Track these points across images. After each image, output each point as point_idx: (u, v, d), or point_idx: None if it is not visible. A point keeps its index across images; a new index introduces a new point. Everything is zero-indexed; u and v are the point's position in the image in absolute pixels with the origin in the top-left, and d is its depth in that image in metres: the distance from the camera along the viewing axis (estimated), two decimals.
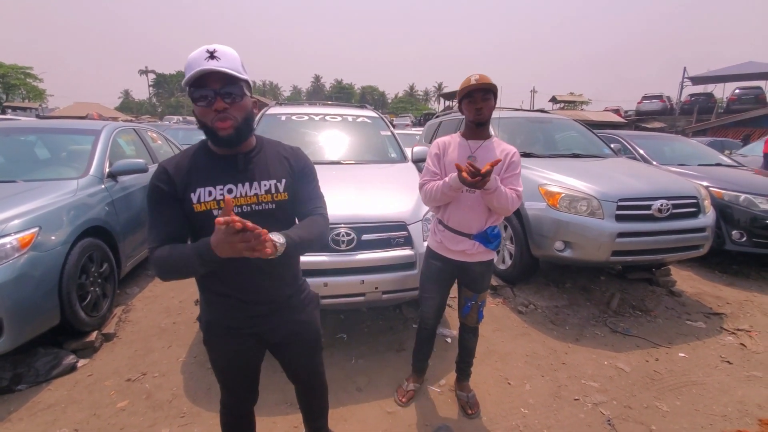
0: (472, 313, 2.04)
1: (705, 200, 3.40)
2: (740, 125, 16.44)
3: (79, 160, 3.23)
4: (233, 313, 1.25)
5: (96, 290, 2.79)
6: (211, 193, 1.13)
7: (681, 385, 2.42)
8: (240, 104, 1.11)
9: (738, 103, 19.66)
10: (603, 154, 4.36)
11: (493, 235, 1.89)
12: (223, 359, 1.33)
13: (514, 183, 1.87)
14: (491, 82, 1.78)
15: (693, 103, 21.88)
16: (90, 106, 25.90)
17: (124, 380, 2.35)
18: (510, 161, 1.87)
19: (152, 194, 1.15)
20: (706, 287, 3.92)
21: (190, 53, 1.09)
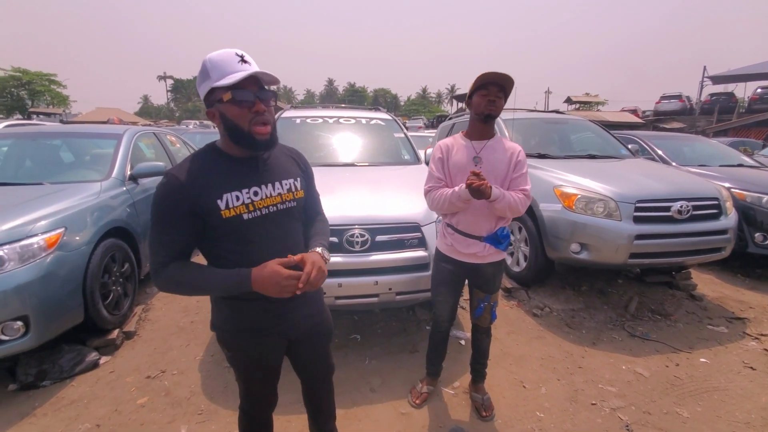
0: (485, 314, 2.02)
1: (727, 202, 3.32)
2: (763, 125, 15.94)
3: (101, 163, 3.33)
4: (261, 316, 1.24)
5: (118, 289, 2.87)
6: (239, 198, 1.12)
7: (702, 391, 2.36)
8: (271, 110, 1.13)
9: (760, 102, 19.03)
10: (620, 155, 4.29)
11: (503, 236, 1.87)
12: (250, 364, 1.31)
13: (521, 183, 1.85)
14: (510, 77, 1.76)
15: (713, 103, 21.30)
16: (111, 111, 26.66)
17: (144, 377, 2.41)
18: (516, 161, 1.85)
19: (162, 206, 1.08)
20: (728, 291, 3.81)
21: (210, 54, 1.07)
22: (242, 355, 1.29)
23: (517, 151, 1.88)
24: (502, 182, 1.85)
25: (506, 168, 1.84)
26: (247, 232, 1.14)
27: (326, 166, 3.28)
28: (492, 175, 1.81)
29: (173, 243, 1.10)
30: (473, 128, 1.91)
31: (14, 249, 2.08)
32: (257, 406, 1.43)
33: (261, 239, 1.17)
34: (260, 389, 1.39)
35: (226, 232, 1.13)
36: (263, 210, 1.16)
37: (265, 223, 1.17)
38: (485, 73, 1.77)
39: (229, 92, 1.04)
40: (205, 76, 1.07)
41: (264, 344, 1.28)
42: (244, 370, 1.34)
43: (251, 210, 1.13)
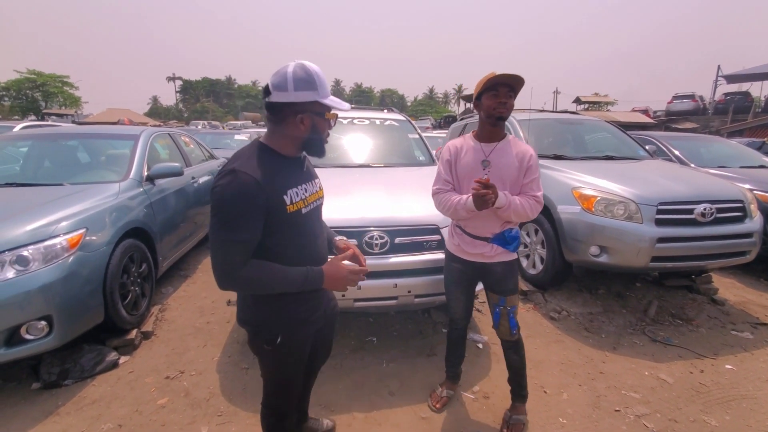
0: (503, 320, 1.93)
1: (752, 204, 3.24)
2: None
3: (119, 164, 3.35)
4: (306, 307, 1.31)
5: (136, 289, 2.88)
6: (298, 194, 1.22)
7: (729, 398, 2.30)
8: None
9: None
10: (638, 156, 4.22)
11: (511, 237, 1.84)
12: (298, 356, 1.36)
13: (533, 188, 1.80)
14: (520, 77, 1.70)
15: (728, 103, 20.89)
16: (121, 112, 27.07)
17: (163, 378, 2.42)
18: (527, 166, 1.79)
19: (239, 204, 1.08)
20: (751, 296, 3.72)
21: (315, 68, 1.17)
22: (285, 348, 1.30)
23: (528, 155, 1.81)
24: (512, 186, 1.81)
25: (516, 172, 1.79)
26: (304, 225, 1.25)
27: (341, 167, 3.28)
28: (500, 180, 1.77)
29: (250, 241, 1.13)
30: (483, 130, 1.86)
31: (38, 249, 2.10)
32: (295, 400, 1.46)
33: (312, 231, 1.30)
34: (293, 381, 1.42)
35: (288, 226, 1.20)
36: (312, 204, 1.29)
37: (313, 217, 1.31)
38: (495, 75, 1.72)
39: (333, 114, 1.23)
40: (312, 86, 1.15)
41: (308, 334, 1.35)
42: (283, 364, 1.35)
43: (306, 204, 1.25)
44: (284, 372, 1.37)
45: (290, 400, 1.45)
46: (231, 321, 3.15)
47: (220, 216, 1.09)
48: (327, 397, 2.25)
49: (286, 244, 1.21)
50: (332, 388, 2.32)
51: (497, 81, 1.71)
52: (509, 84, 1.72)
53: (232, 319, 3.17)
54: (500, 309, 1.93)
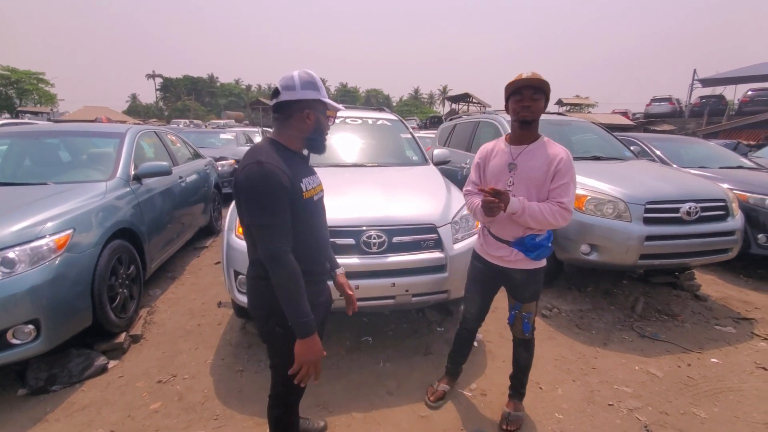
0: (516, 323, 1.95)
1: (733, 203, 3.36)
2: (754, 127, 16.24)
3: (104, 162, 3.25)
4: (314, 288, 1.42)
5: (124, 292, 2.80)
6: (309, 183, 1.36)
7: (717, 391, 2.38)
8: None
9: (751, 105, 19.34)
10: (624, 156, 4.32)
11: (533, 244, 1.79)
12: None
13: (560, 194, 1.71)
14: (544, 79, 1.69)
15: (703, 106, 21.62)
16: (99, 110, 26.27)
17: (155, 382, 2.36)
18: (555, 170, 1.71)
19: (276, 191, 1.21)
20: (732, 292, 3.86)
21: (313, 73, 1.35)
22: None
23: (558, 159, 1.71)
24: (539, 190, 1.75)
25: (543, 176, 1.73)
26: (314, 211, 1.39)
27: (335, 167, 3.25)
28: (524, 183, 1.75)
29: (288, 230, 1.26)
30: (513, 133, 1.85)
31: (25, 251, 2.02)
32: (302, 390, 1.49)
33: (319, 219, 1.44)
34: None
35: (304, 212, 1.32)
36: (317, 195, 1.42)
37: (320, 206, 1.45)
38: (516, 78, 1.71)
39: (333, 112, 1.41)
40: (315, 87, 1.33)
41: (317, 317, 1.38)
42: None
43: (314, 194, 1.38)
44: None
45: (297, 388, 1.46)
46: (222, 323, 3.09)
47: (259, 203, 1.20)
48: (325, 398, 2.23)
49: (301, 229, 1.32)
50: (330, 389, 2.31)
51: (520, 84, 1.70)
52: (534, 86, 1.69)
53: (223, 321, 3.11)
54: (515, 313, 1.95)
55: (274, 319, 1.36)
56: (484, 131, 5.00)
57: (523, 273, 1.87)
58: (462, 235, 2.57)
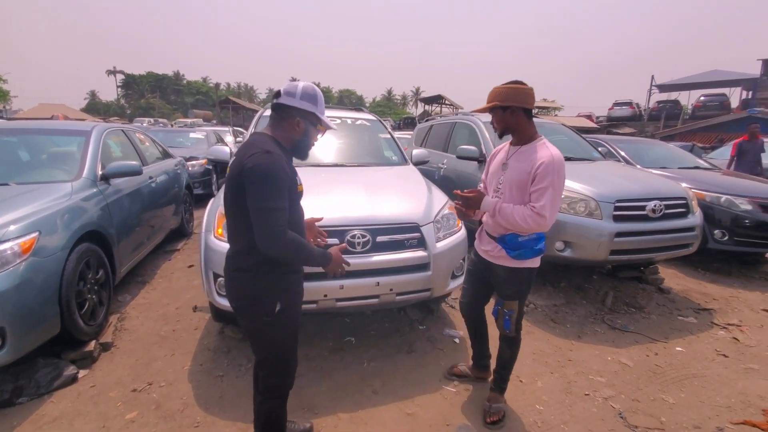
0: (498, 318, 2.02)
1: (693, 201, 3.58)
2: (707, 131, 17.35)
3: (69, 162, 3.09)
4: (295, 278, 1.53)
5: (93, 298, 2.67)
6: (299, 179, 1.51)
7: (683, 378, 2.53)
8: None
9: (703, 109, 20.76)
10: (592, 157, 4.51)
11: (515, 244, 1.84)
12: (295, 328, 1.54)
13: (536, 198, 1.73)
14: (489, 102, 1.85)
15: (660, 110, 22.94)
16: (55, 107, 24.77)
17: (129, 390, 2.26)
18: (535, 173, 1.73)
19: (283, 180, 1.34)
20: (692, 284, 4.11)
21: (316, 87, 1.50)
22: (284, 316, 1.46)
23: (539, 162, 1.73)
24: (522, 192, 1.80)
25: (525, 177, 1.77)
26: (299, 205, 1.52)
27: (315, 167, 3.22)
28: (509, 183, 1.85)
29: (288, 209, 1.36)
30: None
31: None
32: (290, 377, 1.58)
33: (302, 211, 1.56)
34: (294, 353, 1.59)
35: (295, 203, 1.46)
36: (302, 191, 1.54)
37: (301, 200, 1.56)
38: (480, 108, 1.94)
39: (323, 128, 1.55)
40: (314, 101, 1.46)
41: (300, 306, 1.60)
42: (284, 333, 1.50)
43: (301, 190, 1.52)
44: (284, 343, 1.50)
45: (288, 378, 1.57)
46: (199, 328, 3.00)
47: (267, 188, 1.30)
48: (309, 400, 2.21)
49: (293, 217, 1.43)
50: (314, 391, 2.28)
51: (485, 109, 1.91)
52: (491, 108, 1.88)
53: (200, 326, 3.02)
54: (498, 308, 2.02)
55: (260, 308, 1.42)
56: (460, 132, 5.10)
57: (505, 270, 1.93)
58: (444, 233, 2.61)
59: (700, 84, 25.22)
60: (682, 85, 26.26)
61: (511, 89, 1.82)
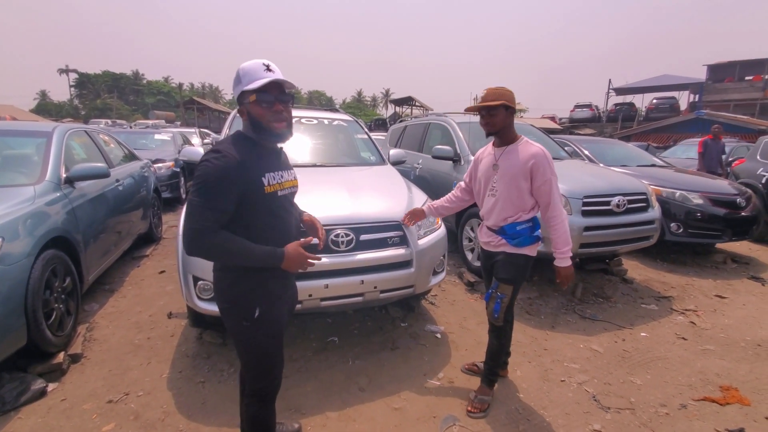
0: (490, 301, 2.10)
1: (652, 196, 3.83)
2: (660, 131, 18.50)
3: (30, 164, 2.91)
4: (280, 285, 1.45)
5: (60, 307, 2.53)
6: (274, 178, 1.35)
7: (648, 360, 2.70)
8: (288, 109, 1.37)
9: (655, 111, 22.20)
10: (560, 156, 4.73)
11: (513, 232, 1.99)
12: (275, 332, 1.44)
13: (545, 194, 1.92)
14: (492, 101, 1.92)
15: (617, 112, 24.27)
16: (2, 108, 23.07)
17: (104, 402, 2.16)
18: (532, 167, 1.89)
19: (220, 176, 1.22)
20: (652, 274, 4.38)
21: (242, 64, 1.32)
22: (268, 324, 1.40)
23: (532, 157, 1.90)
24: (519, 186, 1.94)
25: (520, 172, 1.91)
26: (278, 207, 1.38)
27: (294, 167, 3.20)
28: (504, 180, 1.97)
29: (224, 212, 1.24)
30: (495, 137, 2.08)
31: None
32: (274, 378, 1.51)
33: (284, 215, 1.42)
34: (276, 358, 1.49)
35: (264, 206, 1.33)
36: (287, 190, 1.42)
37: (286, 202, 1.43)
38: (469, 107, 2.06)
39: (254, 95, 1.29)
40: (237, 82, 1.31)
41: (280, 309, 1.46)
42: (265, 338, 1.42)
43: (281, 189, 1.38)
44: (265, 348, 1.43)
45: (273, 381, 1.51)
46: (176, 334, 2.91)
47: (200, 185, 1.21)
48: (296, 401, 2.20)
49: (262, 222, 1.34)
50: (300, 391, 2.28)
51: (475, 108, 2.00)
52: (483, 108, 1.95)
53: (176, 333, 2.93)
54: (491, 291, 2.10)
55: (239, 312, 1.38)
56: (435, 133, 5.20)
57: (504, 254, 2.06)
58: (424, 231, 2.67)
59: (652, 87, 26.88)
60: (637, 88, 27.89)
61: (509, 92, 1.97)
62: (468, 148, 4.27)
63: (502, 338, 2.18)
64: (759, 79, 23.01)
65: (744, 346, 2.91)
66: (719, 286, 4.08)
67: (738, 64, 23.88)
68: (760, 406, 2.26)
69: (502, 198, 2.00)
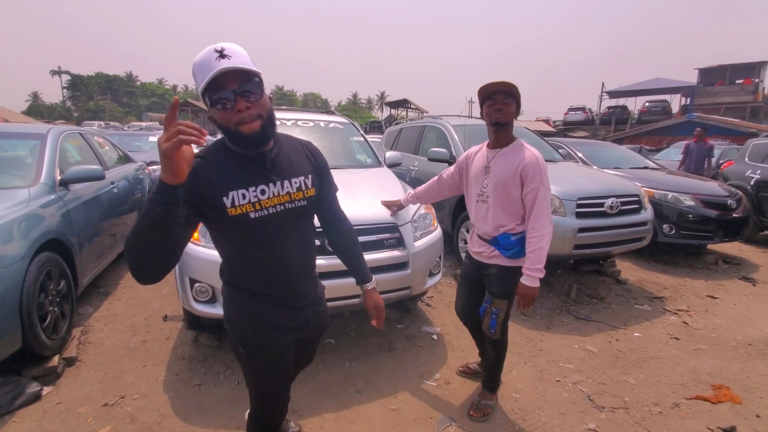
0: (485, 317, 1.99)
1: (644, 198, 3.88)
2: (652, 134, 18.71)
3: (25, 166, 2.90)
4: (278, 311, 1.22)
5: (55, 310, 2.52)
6: (245, 196, 1.07)
7: (641, 360, 2.74)
8: (261, 102, 1.04)
9: (648, 114, 22.47)
10: (554, 158, 4.77)
11: (507, 243, 1.88)
12: (268, 362, 1.25)
13: (530, 200, 1.79)
14: (513, 84, 1.77)
15: (611, 115, 24.54)
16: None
17: (100, 405, 2.15)
18: (523, 173, 1.79)
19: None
20: (645, 275, 4.43)
21: (196, 56, 1.00)
22: (260, 353, 1.22)
23: (524, 162, 1.79)
24: (510, 193, 1.84)
25: (510, 178, 1.82)
26: (255, 230, 1.11)
27: None
28: (494, 185, 1.87)
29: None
30: (489, 137, 1.97)
31: None
32: (272, 409, 1.38)
33: (277, 238, 1.14)
34: (276, 390, 1.34)
35: (235, 230, 1.10)
36: (270, 209, 1.12)
37: (275, 222, 1.13)
38: (486, 84, 1.80)
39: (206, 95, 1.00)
40: (197, 82, 1.00)
41: (281, 341, 1.24)
42: (261, 370, 1.27)
43: (258, 209, 1.09)
44: (261, 378, 1.29)
45: (270, 409, 1.38)
46: (171, 337, 2.90)
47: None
48: (294, 403, 2.18)
49: (246, 249, 1.13)
50: (298, 393, 2.27)
51: (490, 90, 1.80)
52: (504, 91, 1.79)
53: (172, 336, 2.92)
54: (486, 306, 1.99)
55: (233, 336, 1.24)
56: (430, 135, 5.23)
57: (498, 268, 1.95)
58: (420, 233, 2.69)
59: (644, 91, 27.20)
60: (629, 91, 28.20)
61: (516, 86, 1.80)
62: (463, 151, 4.29)
63: (501, 350, 2.10)
64: (749, 82, 23.39)
65: (735, 346, 2.95)
66: (711, 287, 4.13)
67: (729, 67, 24.26)
68: (751, 404, 2.29)
69: (493, 205, 1.90)
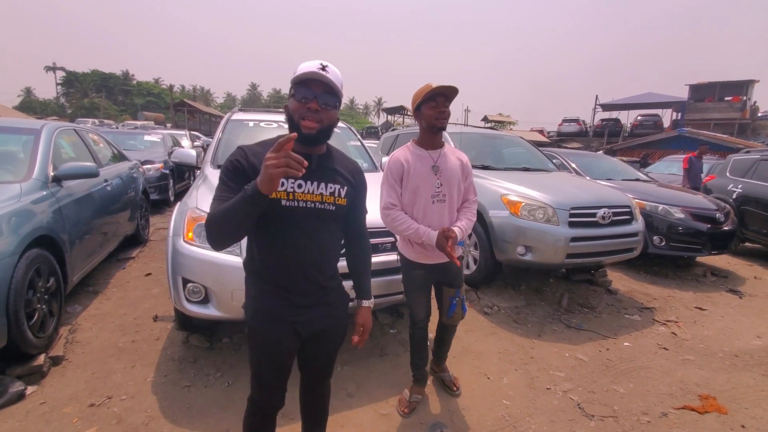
0: (458, 309, 2.13)
1: (636, 209, 3.94)
2: (643, 147, 19.00)
3: (17, 161, 2.87)
4: (279, 302, 1.29)
5: (43, 308, 2.48)
6: (283, 184, 1.19)
7: (631, 369, 2.76)
8: (329, 113, 1.24)
9: (640, 128, 22.87)
10: (548, 168, 4.83)
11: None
12: (263, 346, 1.33)
13: (470, 191, 2.13)
14: (455, 88, 1.84)
15: (604, 127, 24.94)
16: None
17: (86, 406, 2.12)
18: (466, 169, 2.10)
19: (228, 169, 1.19)
20: (635, 286, 4.48)
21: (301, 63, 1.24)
22: (257, 336, 1.32)
23: (465, 160, 2.11)
24: (458, 188, 2.04)
25: (460, 174, 2.04)
26: (282, 218, 1.21)
27: None
28: (448, 182, 1.99)
29: (218, 199, 1.16)
30: (427, 138, 1.99)
31: None
32: (265, 394, 1.42)
33: (298, 231, 1.24)
34: (269, 376, 1.39)
35: (265, 212, 1.15)
36: (301, 203, 1.22)
37: (302, 216, 1.23)
38: (432, 87, 1.83)
39: (294, 87, 1.21)
40: (294, 75, 1.22)
41: (278, 330, 1.30)
42: (257, 352, 1.35)
43: (290, 199, 1.21)
44: (257, 362, 1.37)
45: (263, 393, 1.42)
46: (161, 338, 2.86)
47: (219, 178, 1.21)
48: (285, 406, 2.16)
49: (269, 236, 1.24)
50: (289, 397, 2.21)
51: (435, 92, 1.84)
52: (445, 94, 1.86)
53: (162, 336, 2.88)
54: (457, 300, 2.11)
55: (245, 315, 1.34)
56: None
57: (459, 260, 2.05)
58: None
59: (637, 105, 27.69)
60: (622, 105, 28.69)
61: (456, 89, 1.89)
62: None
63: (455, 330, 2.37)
64: (737, 100, 23.92)
65: (722, 357, 2.99)
66: (699, 299, 4.19)
67: (718, 84, 24.81)
68: (737, 414, 2.32)
69: (450, 202, 2.01)
